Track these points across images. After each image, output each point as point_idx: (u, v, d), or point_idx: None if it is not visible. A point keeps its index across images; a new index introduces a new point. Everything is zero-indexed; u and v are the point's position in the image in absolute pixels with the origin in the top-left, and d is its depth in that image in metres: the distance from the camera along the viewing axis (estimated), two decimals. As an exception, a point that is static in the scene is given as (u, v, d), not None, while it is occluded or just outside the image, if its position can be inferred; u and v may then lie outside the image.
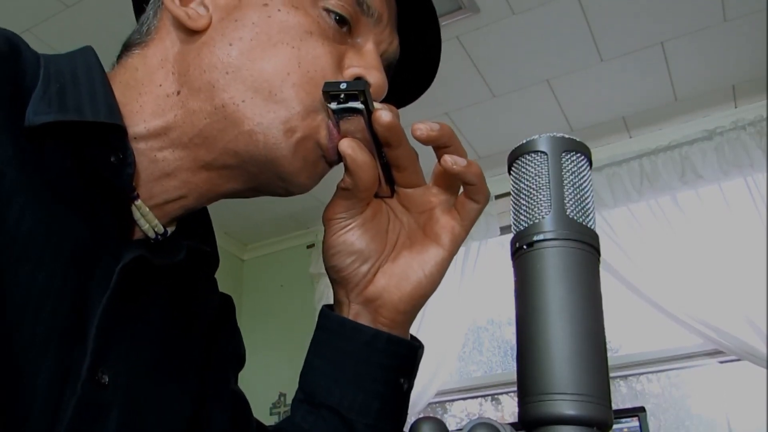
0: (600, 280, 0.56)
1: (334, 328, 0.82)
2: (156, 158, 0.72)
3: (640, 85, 3.57)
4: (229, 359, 0.86)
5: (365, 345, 0.80)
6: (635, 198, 3.73)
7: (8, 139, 0.59)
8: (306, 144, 0.73)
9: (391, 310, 0.80)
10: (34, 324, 0.57)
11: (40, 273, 0.59)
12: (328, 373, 0.81)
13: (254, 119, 0.71)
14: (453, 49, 3.29)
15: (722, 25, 3.14)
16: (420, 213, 0.81)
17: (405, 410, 0.84)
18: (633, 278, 3.61)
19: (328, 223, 0.79)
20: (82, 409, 0.59)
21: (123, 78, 0.74)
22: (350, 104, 0.70)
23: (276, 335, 4.51)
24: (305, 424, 0.82)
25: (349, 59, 0.77)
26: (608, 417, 0.51)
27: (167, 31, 0.75)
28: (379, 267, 0.81)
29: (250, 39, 0.72)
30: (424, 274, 0.80)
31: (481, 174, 0.76)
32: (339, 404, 0.80)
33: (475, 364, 4.41)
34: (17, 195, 0.58)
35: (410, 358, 0.83)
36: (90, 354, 0.60)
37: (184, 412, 0.74)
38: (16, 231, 0.58)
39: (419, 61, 0.90)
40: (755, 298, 3.19)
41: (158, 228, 0.72)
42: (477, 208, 0.78)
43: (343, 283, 0.81)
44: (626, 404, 3.69)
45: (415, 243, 0.81)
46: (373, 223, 0.80)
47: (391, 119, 0.71)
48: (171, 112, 0.72)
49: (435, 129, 0.73)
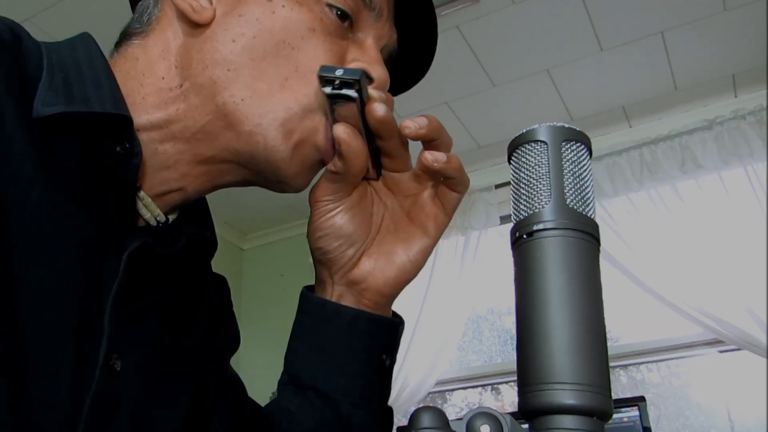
0: (600, 269, 0.56)
1: (314, 310, 0.83)
2: (157, 150, 0.72)
3: (640, 75, 3.56)
4: (226, 342, 0.87)
5: (346, 327, 0.81)
6: (635, 187, 3.72)
7: (21, 132, 0.60)
8: (304, 149, 0.74)
9: (374, 293, 0.81)
10: (50, 313, 0.58)
11: (55, 266, 0.59)
12: (311, 356, 0.83)
13: (253, 120, 0.71)
14: (453, 39, 3.28)
15: (722, 14, 3.13)
16: (405, 197, 0.82)
17: (389, 385, 0.86)
18: (633, 268, 3.61)
19: (315, 205, 0.80)
20: (100, 399, 0.60)
21: (123, 67, 0.74)
22: (344, 92, 0.70)
23: (276, 325, 4.48)
24: (291, 406, 0.83)
25: (352, 54, 0.78)
26: (608, 406, 0.51)
27: (169, 22, 0.75)
28: (364, 250, 0.81)
29: (252, 36, 0.72)
30: (409, 259, 0.81)
31: (461, 167, 0.77)
32: (324, 386, 0.81)
33: (474, 353, 4.41)
34: (33, 189, 0.59)
35: (391, 334, 0.84)
36: (106, 340, 0.61)
37: (185, 406, 0.75)
38: (33, 225, 0.58)
39: (416, 49, 0.90)
40: (755, 288, 3.19)
41: (160, 217, 0.73)
42: (458, 197, 0.80)
43: (328, 264, 0.82)
44: (626, 393, 3.70)
45: (399, 228, 0.82)
46: (359, 206, 0.80)
47: (384, 114, 0.72)
48: (173, 106, 0.72)
49: (423, 126, 0.73)
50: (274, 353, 3.79)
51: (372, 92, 0.73)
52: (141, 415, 0.66)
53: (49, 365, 0.57)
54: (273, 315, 4.60)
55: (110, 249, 0.65)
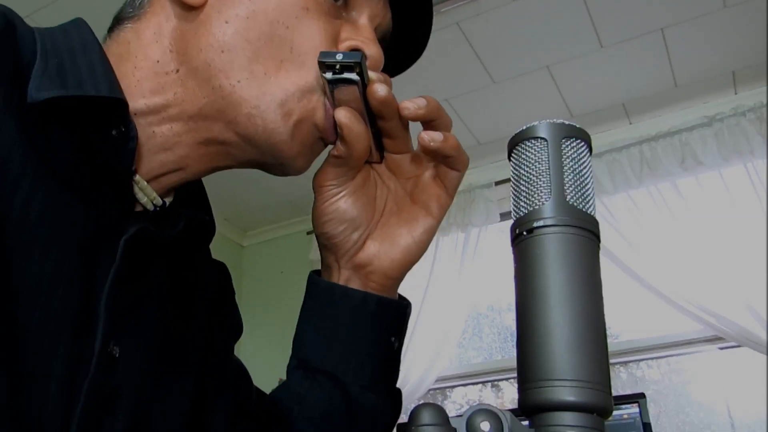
0: (600, 266, 0.56)
1: (323, 294, 0.84)
2: (154, 133, 0.72)
3: (640, 72, 3.56)
4: (229, 329, 0.87)
5: (355, 309, 0.81)
6: (635, 184, 3.72)
7: (11, 119, 0.59)
8: (303, 127, 0.73)
9: (381, 275, 0.82)
10: (46, 308, 0.58)
11: (50, 257, 0.59)
12: (320, 340, 0.83)
13: (251, 101, 0.71)
14: (453, 36, 3.28)
15: (722, 11, 3.13)
16: (407, 179, 0.83)
17: (397, 368, 0.86)
18: (633, 264, 3.60)
19: (319, 190, 0.80)
20: (96, 388, 0.60)
21: (116, 51, 0.73)
22: (345, 75, 0.70)
23: (276, 321, 4.51)
24: (302, 390, 0.83)
25: (345, 33, 0.77)
26: (608, 403, 0.52)
27: (161, 6, 0.75)
28: (369, 234, 0.82)
29: (245, 17, 0.72)
30: (414, 240, 0.81)
31: (458, 145, 0.77)
32: (333, 369, 0.81)
33: (475, 350, 4.42)
34: (24, 179, 0.58)
35: (400, 317, 0.85)
36: (102, 326, 0.61)
37: (187, 393, 0.75)
38: (25, 216, 0.58)
39: (411, 31, 0.90)
40: (755, 285, 3.19)
41: (156, 201, 0.72)
42: (458, 176, 0.80)
43: (334, 249, 0.82)
44: (626, 390, 3.70)
45: (403, 209, 0.83)
46: (363, 190, 0.81)
47: (386, 93, 0.72)
48: (171, 90, 0.72)
49: (422, 106, 0.74)
50: (275, 349, 3.81)
51: (371, 74, 0.73)
52: (142, 404, 0.66)
53: (42, 357, 0.57)
54: (273, 312, 4.61)
55: (107, 236, 0.64)
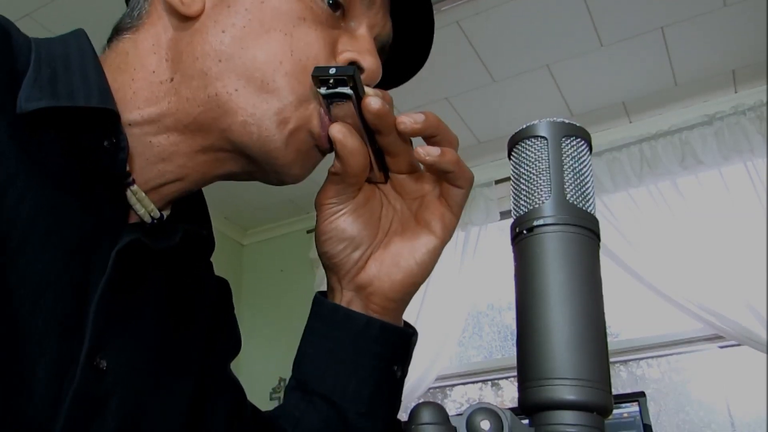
0: (600, 264, 0.56)
1: (326, 315, 0.82)
2: (151, 143, 0.71)
3: (640, 70, 3.56)
4: (227, 345, 0.86)
5: (358, 333, 0.80)
6: (635, 183, 3.72)
7: (3, 125, 0.59)
8: (299, 135, 0.72)
9: (381, 297, 0.80)
10: (34, 313, 0.57)
11: (39, 261, 0.58)
12: (320, 361, 0.81)
13: (247, 110, 0.70)
14: (453, 34, 3.27)
15: (722, 10, 3.13)
16: (413, 199, 0.81)
17: (399, 398, 0.84)
18: (633, 263, 3.61)
19: (320, 209, 0.79)
20: (81, 397, 0.59)
21: (114, 62, 0.73)
22: (339, 89, 0.69)
23: (276, 320, 4.52)
24: (297, 412, 0.82)
25: (343, 44, 0.76)
26: (608, 402, 0.51)
27: (159, 16, 0.75)
28: (371, 254, 0.80)
29: (242, 26, 0.71)
30: (416, 261, 0.79)
31: (458, 160, 0.74)
32: (331, 392, 0.80)
33: (475, 349, 4.42)
34: (14, 183, 0.58)
35: (404, 345, 0.83)
36: (88, 339, 0.60)
37: (184, 403, 0.74)
38: (14, 219, 0.57)
39: (413, 41, 0.89)
40: (755, 283, 3.19)
41: (154, 212, 0.72)
42: (462, 193, 0.78)
43: (335, 269, 0.81)
44: (626, 389, 3.70)
45: (407, 230, 0.81)
46: (365, 209, 0.79)
47: (380, 107, 0.70)
48: (165, 100, 0.71)
49: (419, 121, 0.72)
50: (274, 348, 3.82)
51: (367, 89, 0.72)
52: (134, 415, 0.65)
53: (28, 365, 0.56)
54: (273, 310, 4.62)
55: (100, 246, 0.64)
